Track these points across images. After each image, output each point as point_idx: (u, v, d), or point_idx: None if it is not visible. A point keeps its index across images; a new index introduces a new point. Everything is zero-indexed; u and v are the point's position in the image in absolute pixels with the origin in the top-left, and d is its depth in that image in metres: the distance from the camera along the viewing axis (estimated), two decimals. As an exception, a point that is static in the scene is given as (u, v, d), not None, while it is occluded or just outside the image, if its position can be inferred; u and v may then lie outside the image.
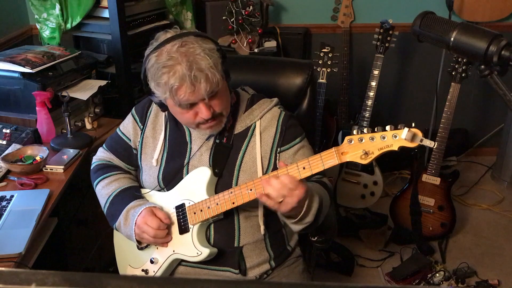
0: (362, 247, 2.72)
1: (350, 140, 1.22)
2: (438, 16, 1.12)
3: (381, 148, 1.20)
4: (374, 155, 1.20)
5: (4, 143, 1.95)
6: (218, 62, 1.33)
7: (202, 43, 1.33)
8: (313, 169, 1.28)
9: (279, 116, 1.50)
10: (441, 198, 2.64)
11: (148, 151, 1.54)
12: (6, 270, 0.46)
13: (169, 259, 1.47)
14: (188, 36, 1.33)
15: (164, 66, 1.29)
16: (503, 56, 0.99)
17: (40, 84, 2.05)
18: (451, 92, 2.55)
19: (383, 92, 3.27)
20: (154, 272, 1.49)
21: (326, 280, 2.43)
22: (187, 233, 1.44)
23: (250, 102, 1.52)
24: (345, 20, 3.17)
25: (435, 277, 2.46)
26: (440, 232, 2.69)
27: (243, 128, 1.48)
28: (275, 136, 1.47)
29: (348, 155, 1.23)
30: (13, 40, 2.80)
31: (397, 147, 1.19)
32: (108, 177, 1.57)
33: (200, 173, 1.45)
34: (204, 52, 1.30)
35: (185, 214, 1.45)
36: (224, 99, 1.39)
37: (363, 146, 1.21)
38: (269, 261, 1.53)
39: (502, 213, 3.05)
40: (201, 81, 1.28)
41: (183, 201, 1.46)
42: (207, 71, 1.29)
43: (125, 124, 1.61)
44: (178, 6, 2.84)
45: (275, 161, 1.47)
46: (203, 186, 1.43)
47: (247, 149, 1.47)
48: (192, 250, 1.43)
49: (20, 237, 1.44)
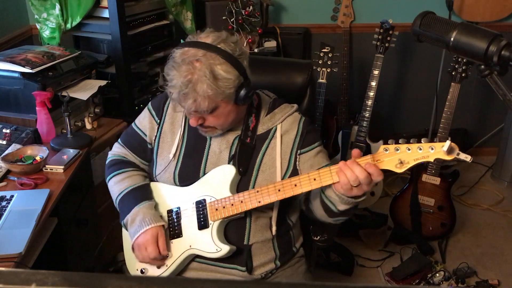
0: (362, 247, 2.72)
1: (386, 149, 1.26)
2: (438, 16, 1.12)
3: (417, 158, 1.24)
4: (409, 164, 1.24)
5: (4, 143, 1.95)
6: (221, 92, 1.34)
7: (216, 68, 1.32)
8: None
9: (300, 120, 1.54)
10: (441, 198, 2.64)
11: (166, 146, 1.55)
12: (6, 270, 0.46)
13: (184, 254, 1.48)
14: (213, 53, 1.33)
15: (172, 67, 1.35)
16: (503, 56, 0.99)
17: (40, 84, 2.05)
18: (451, 92, 2.54)
19: (383, 92, 3.28)
20: (168, 266, 1.48)
21: (326, 280, 2.43)
22: (207, 229, 1.45)
23: (272, 106, 1.55)
24: (345, 20, 3.17)
25: (435, 277, 2.47)
26: (440, 232, 2.69)
27: (265, 130, 1.51)
28: (295, 139, 1.50)
29: (383, 163, 1.27)
30: (13, 40, 2.80)
31: (433, 159, 1.23)
32: (121, 174, 1.59)
33: (224, 171, 1.46)
34: (209, 79, 1.31)
35: (206, 210, 1.46)
36: (222, 118, 1.42)
37: (399, 156, 1.25)
38: (274, 261, 1.55)
39: (502, 213, 3.05)
40: (190, 100, 1.34)
41: (203, 197, 1.47)
42: (198, 96, 1.33)
43: (141, 118, 1.63)
44: (178, 6, 2.84)
45: (295, 163, 1.49)
46: (226, 183, 1.45)
47: (266, 151, 1.50)
48: (211, 247, 1.44)
49: (20, 237, 1.44)
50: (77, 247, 2.03)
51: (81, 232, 2.04)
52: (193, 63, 1.32)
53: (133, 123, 1.65)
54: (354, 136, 2.74)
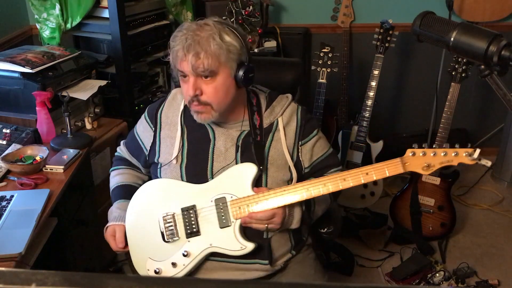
0: (362, 247, 2.72)
1: (413, 153, 1.34)
2: (438, 16, 1.12)
3: (442, 162, 1.33)
4: (435, 167, 1.33)
5: (4, 143, 1.95)
6: (225, 55, 1.37)
7: (224, 33, 1.38)
8: (376, 176, 1.37)
9: (297, 110, 1.58)
10: (441, 198, 2.63)
11: (166, 150, 1.57)
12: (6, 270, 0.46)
13: (204, 252, 1.47)
14: (221, 23, 1.41)
15: (178, 31, 1.40)
16: (503, 56, 0.99)
17: (40, 84, 2.05)
18: (451, 92, 2.54)
19: (383, 92, 3.27)
20: (185, 266, 1.48)
21: (326, 280, 2.43)
22: (229, 227, 1.46)
23: (269, 100, 1.57)
24: (345, 20, 3.17)
25: (435, 277, 2.46)
26: (440, 232, 2.69)
27: (268, 124, 1.54)
28: (296, 130, 1.55)
29: (411, 165, 1.35)
30: (13, 40, 2.80)
31: (457, 163, 1.32)
32: (116, 170, 1.72)
33: (245, 169, 1.47)
34: (215, 38, 1.35)
35: (227, 208, 1.46)
36: (220, 93, 1.42)
37: (425, 159, 1.33)
38: (290, 250, 1.59)
39: (502, 213, 3.04)
40: (192, 53, 1.35)
41: (223, 195, 1.46)
42: (203, 50, 1.35)
43: (139, 125, 1.68)
44: (178, 6, 2.84)
45: (298, 154, 1.56)
46: (248, 181, 1.45)
47: (272, 144, 1.53)
48: (235, 244, 1.45)
49: (20, 237, 1.44)
50: (77, 247, 2.03)
51: (81, 232, 2.04)
52: (202, 25, 1.38)
53: (135, 127, 1.70)
54: (354, 136, 2.75)
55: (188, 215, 1.49)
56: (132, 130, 1.72)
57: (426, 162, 1.33)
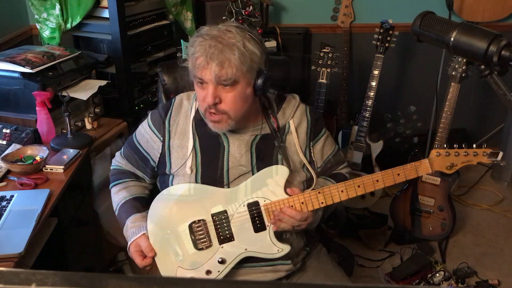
0: (362, 247, 2.72)
1: (438, 153, 1.42)
2: (438, 16, 1.12)
3: (463, 162, 1.42)
4: (457, 167, 1.43)
5: (4, 143, 1.95)
6: (248, 64, 1.34)
7: (247, 41, 1.34)
8: (407, 176, 1.42)
9: (306, 110, 1.59)
10: (441, 198, 2.63)
11: (178, 160, 1.51)
12: (6, 270, 0.46)
13: (239, 257, 1.46)
14: (243, 29, 1.37)
15: (197, 35, 1.36)
16: (503, 56, 0.99)
17: (40, 84, 2.05)
18: (451, 92, 2.54)
19: (383, 92, 3.27)
20: (219, 272, 1.45)
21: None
22: (264, 231, 1.45)
23: (278, 101, 1.57)
24: (345, 20, 3.17)
25: (435, 277, 2.46)
26: (440, 232, 2.69)
27: (281, 126, 1.54)
28: (307, 131, 1.57)
29: (437, 166, 1.43)
30: (13, 40, 2.80)
31: (476, 162, 1.42)
32: (119, 184, 1.63)
33: (276, 172, 1.46)
34: (239, 47, 1.32)
35: (260, 212, 1.44)
36: (238, 102, 1.39)
37: (449, 159, 1.42)
38: (304, 247, 1.60)
39: (502, 213, 3.05)
40: (215, 62, 1.31)
41: (255, 199, 1.45)
42: (227, 60, 1.31)
43: (142, 134, 1.60)
44: (178, 6, 2.84)
45: (310, 154, 1.58)
46: (281, 184, 1.45)
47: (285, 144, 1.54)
48: (272, 248, 1.45)
49: (20, 237, 1.44)
50: (77, 247, 2.03)
51: (81, 232, 2.04)
52: (224, 31, 1.34)
53: (134, 136, 1.63)
54: (354, 136, 2.74)
55: (220, 221, 1.45)
56: (131, 140, 1.63)
57: (450, 162, 1.41)
